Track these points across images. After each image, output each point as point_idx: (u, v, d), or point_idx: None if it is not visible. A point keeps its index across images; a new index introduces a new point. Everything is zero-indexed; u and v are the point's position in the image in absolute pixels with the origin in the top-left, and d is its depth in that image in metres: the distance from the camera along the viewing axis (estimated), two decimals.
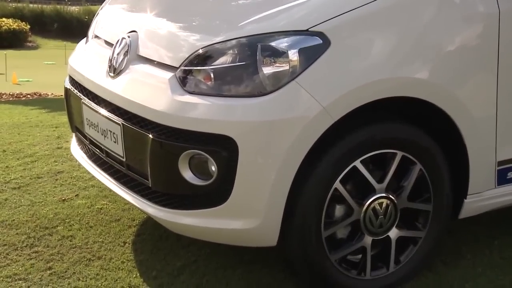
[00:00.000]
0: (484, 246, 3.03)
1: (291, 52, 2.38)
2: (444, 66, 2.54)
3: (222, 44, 2.47)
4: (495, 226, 3.17)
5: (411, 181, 2.62)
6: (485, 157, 2.69)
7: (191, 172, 2.46)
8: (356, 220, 2.58)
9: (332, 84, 2.40)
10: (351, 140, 2.49)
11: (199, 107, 2.41)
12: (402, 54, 2.50)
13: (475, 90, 2.61)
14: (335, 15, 2.42)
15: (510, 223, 3.19)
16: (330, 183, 2.48)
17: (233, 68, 2.43)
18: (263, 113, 2.37)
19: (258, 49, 2.40)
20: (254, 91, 2.39)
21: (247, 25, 2.51)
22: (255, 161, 2.38)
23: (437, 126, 2.63)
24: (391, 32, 2.50)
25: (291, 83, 2.37)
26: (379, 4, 2.48)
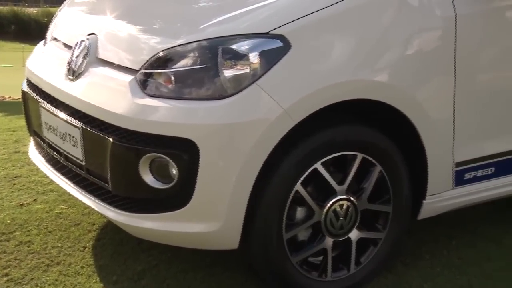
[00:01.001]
0: (442, 246, 3.08)
1: (252, 55, 2.39)
2: (403, 69, 2.57)
3: (183, 47, 2.46)
4: (453, 226, 3.22)
5: (371, 183, 2.65)
6: (443, 159, 2.73)
7: (152, 176, 2.45)
8: (317, 222, 2.59)
9: (292, 86, 2.41)
10: (312, 142, 2.51)
11: (159, 110, 2.40)
12: (362, 57, 2.52)
13: (433, 93, 2.65)
14: (295, 18, 2.44)
15: (468, 223, 3.25)
16: (291, 185, 2.49)
17: (194, 71, 2.43)
18: (224, 116, 2.37)
19: (219, 52, 2.40)
20: (215, 94, 2.39)
21: (208, 27, 2.51)
22: (216, 164, 2.38)
23: (397, 128, 2.66)
24: (351, 35, 2.53)
25: (252, 85, 2.37)
26: (339, 7, 2.50)
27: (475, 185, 2.86)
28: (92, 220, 3.33)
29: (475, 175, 2.84)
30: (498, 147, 2.85)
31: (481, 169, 2.84)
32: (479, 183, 2.86)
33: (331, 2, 2.49)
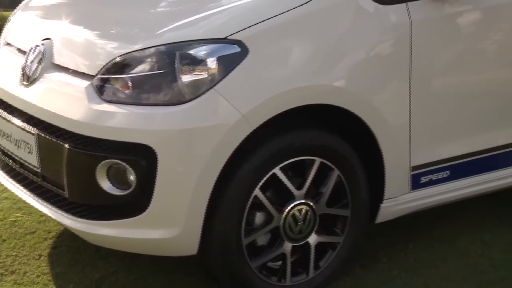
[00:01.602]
0: (399, 249, 3.12)
1: (210, 60, 2.39)
2: (360, 74, 2.60)
3: (140, 52, 2.45)
4: (410, 229, 3.26)
5: (329, 187, 2.67)
6: (400, 163, 2.77)
7: (109, 182, 2.42)
8: (276, 227, 2.60)
9: (251, 91, 2.42)
10: (270, 148, 2.51)
11: (116, 115, 2.38)
12: (319, 62, 2.54)
13: (389, 98, 2.68)
14: (253, 23, 2.44)
15: (424, 226, 3.30)
16: (250, 191, 2.50)
17: (151, 76, 2.42)
18: (182, 121, 2.36)
19: (176, 57, 2.39)
20: (173, 99, 2.38)
21: (166, 33, 2.50)
22: (175, 169, 2.37)
23: (354, 132, 2.69)
24: (309, 41, 2.55)
25: (210, 91, 2.37)
26: (297, 12, 2.51)
27: (431, 189, 2.90)
28: (48, 228, 3.28)
29: (431, 179, 2.89)
30: (452, 150, 2.90)
31: (436, 173, 2.89)
32: (435, 186, 2.91)
33: (288, 8, 2.51)
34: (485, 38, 2.90)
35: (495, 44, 2.93)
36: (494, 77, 2.97)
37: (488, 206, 3.47)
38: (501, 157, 3.05)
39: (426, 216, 3.21)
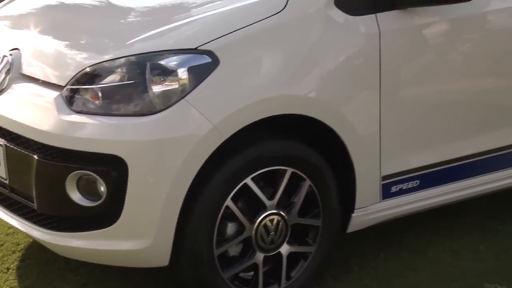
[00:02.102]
0: (370, 259, 3.13)
1: (181, 71, 2.38)
2: (331, 84, 2.62)
3: (111, 63, 2.44)
4: (381, 238, 3.28)
5: (301, 197, 2.67)
6: (370, 172, 2.79)
7: (79, 193, 2.40)
8: (247, 237, 2.59)
9: (222, 102, 2.42)
10: (241, 158, 2.51)
11: (87, 126, 2.36)
12: (290, 73, 2.55)
13: (359, 107, 2.70)
14: (224, 34, 2.45)
15: (395, 235, 3.31)
16: (221, 201, 2.49)
17: (122, 87, 2.41)
18: (153, 132, 2.35)
19: (147, 68, 2.39)
20: (144, 110, 2.37)
21: (136, 43, 2.50)
22: (146, 180, 2.35)
23: (325, 142, 2.70)
24: (279, 51, 2.56)
25: (181, 101, 2.37)
26: (267, 23, 2.52)
27: (402, 198, 2.93)
28: (17, 240, 3.23)
29: (401, 188, 2.91)
30: (422, 160, 2.93)
31: (406, 182, 2.91)
32: (405, 195, 2.93)
33: (258, 18, 2.52)
34: (452, 48, 2.94)
35: (462, 55, 2.97)
36: (462, 87, 3.01)
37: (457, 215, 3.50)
38: (470, 166, 3.08)
39: (397, 225, 3.23)
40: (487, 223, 3.44)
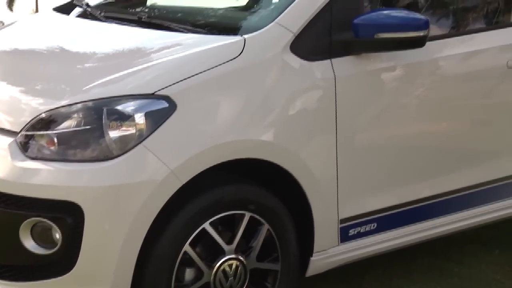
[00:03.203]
0: None
1: (138, 116, 2.38)
2: (288, 129, 2.64)
3: (67, 108, 2.43)
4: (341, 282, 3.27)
5: (259, 242, 2.66)
6: (328, 216, 2.79)
7: (33, 241, 2.36)
8: (206, 283, 2.57)
9: (179, 147, 2.42)
10: (200, 202, 2.50)
11: (41, 173, 2.34)
12: (247, 117, 2.57)
13: (316, 151, 2.72)
14: (181, 79, 2.46)
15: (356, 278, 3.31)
16: (179, 247, 2.47)
17: (78, 132, 2.39)
18: (109, 178, 2.33)
19: (104, 113, 2.38)
20: (100, 156, 2.36)
21: (93, 88, 2.49)
22: (102, 227, 2.33)
23: (283, 185, 2.71)
24: (237, 96, 2.58)
25: (138, 146, 2.36)
26: (224, 68, 2.55)
27: (360, 241, 2.93)
28: None
29: (359, 231, 2.92)
30: (379, 203, 2.95)
31: (364, 225, 2.93)
32: (363, 238, 2.94)
33: (216, 64, 2.54)
34: (407, 93, 2.99)
35: (416, 99, 3.03)
36: (417, 130, 3.06)
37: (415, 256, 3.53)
38: (427, 208, 3.12)
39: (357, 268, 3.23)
40: (444, 264, 3.47)
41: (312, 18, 2.71)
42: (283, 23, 2.68)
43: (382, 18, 2.77)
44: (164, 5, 3.63)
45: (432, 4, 3.34)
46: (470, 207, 3.23)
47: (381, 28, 2.72)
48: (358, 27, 2.71)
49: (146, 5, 3.51)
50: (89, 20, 3.21)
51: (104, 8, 3.32)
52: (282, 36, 2.67)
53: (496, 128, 3.24)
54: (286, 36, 2.67)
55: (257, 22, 2.80)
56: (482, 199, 3.26)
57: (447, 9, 3.36)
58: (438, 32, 3.13)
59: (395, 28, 2.74)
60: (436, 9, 3.35)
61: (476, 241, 3.71)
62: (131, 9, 3.45)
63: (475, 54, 3.15)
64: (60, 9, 3.50)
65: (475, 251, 3.61)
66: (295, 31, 2.68)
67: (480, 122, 3.22)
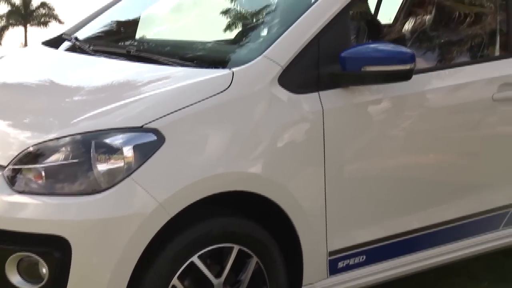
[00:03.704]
0: None
1: (126, 149, 2.38)
2: (276, 161, 2.64)
3: (55, 142, 2.43)
4: None
5: (248, 275, 2.65)
6: (317, 248, 2.79)
7: (19, 276, 2.34)
8: None
9: (167, 180, 2.42)
10: (188, 235, 2.49)
11: (28, 207, 2.33)
12: (236, 150, 2.58)
13: (305, 183, 2.73)
14: (169, 112, 2.47)
15: None
16: (168, 280, 2.45)
17: (66, 166, 2.39)
18: (97, 211, 2.32)
19: (92, 146, 2.38)
20: (88, 189, 2.35)
21: (82, 121, 2.50)
22: (90, 261, 2.31)
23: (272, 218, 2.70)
24: (225, 129, 2.59)
25: (127, 179, 2.36)
26: (213, 101, 2.56)
27: (349, 274, 2.92)
28: None
29: (348, 264, 2.91)
30: (368, 235, 2.95)
31: (353, 257, 2.92)
32: (352, 271, 2.93)
33: (204, 97, 2.55)
34: (394, 125, 3.02)
35: (404, 131, 3.05)
36: (405, 162, 3.07)
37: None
38: (416, 240, 3.12)
39: None
40: None
41: (299, 51, 2.73)
42: (271, 57, 2.71)
43: (369, 51, 2.80)
44: (152, 39, 3.66)
45: (418, 38, 3.40)
46: (458, 239, 3.24)
47: (368, 61, 2.75)
48: (346, 60, 2.74)
49: (135, 38, 3.54)
50: (78, 54, 3.23)
51: (93, 41, 3.34)
52: (270, 69, 2.69)
53: (482, 160, 3.27)
54: (274, 69, 2.69)
55: (245, 55, 2.83)
56: (470, 231, 3.27)
57: (433, 42, 3.41)
58: (425, 65, 3.17)
59: (382, 61, 2.77)
60: (423, 42, 3.40)
61: (465, 273, 3.70)
62: (120, 43, 3.48)
63: (461, 87, 3.18)
64: (49, 43, 3.52)
65: (464, 284, 3.61)
66: (283, 64, 2.70)
67: (467, 154, 3.24)
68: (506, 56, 3.32)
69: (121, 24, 3.68)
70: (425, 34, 3.41)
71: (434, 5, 3.43)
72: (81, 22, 3.64)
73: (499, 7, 3.37)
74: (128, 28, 3.65)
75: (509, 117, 3.26)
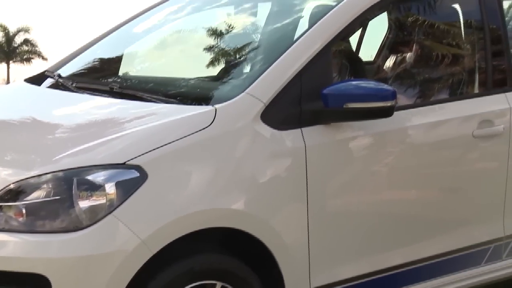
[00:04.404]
0: None
1: (108, 186, 2.38)
2: (259, 197, 2.65)
3: (36, 179, 2.41)
4: None
5: None
6: (300, 284, 2.77)
7: None
8: None
9: (150, 216, 2.41)
10: (170, 272, 2.48)
11: (8, 244, 2.31)
12: (218, 186, 2.58)
13: (288, 219, 2.72)
14: (152, 149, 2.47)
15: None
16: None
17: (47, 203, 2.38)
18: (79, 249, 2.31)
19: (74, 183, 2.38)
20: (70, 226, 2.34)
21: (64, 158, 2.49)
22: None
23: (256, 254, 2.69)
24: (208, 165, 2.59)
25: (108, 216, 2.35)
26: (196, 137, 2.57)
27: None
28: None
29: None
30: (351, 271, 2.94)
31: None
32: None
33: (187, 133, 2.56)
34: (377, 161, 3.03)
35: (386, 167, 3.07)
36: (387, 198, 3.08)
37: None
38: (399, 276, 3.11)
39: None
40: None
41: (282, 88, 2.76)
42: (254, 93, 2.73)
43: (351, 88, 2.83)
44: (136, 75, 3.67)
45: (399, 75, 3.44)
46: (441, 275, 3.24)
47: (350, 98, 2.77)
48: (328, 97, 2.77)
49: (118, 75, 3.55)
50: (61, 91, 3.24)
51: (76, 78, 3.35)
52: (252, 106, 2.71)
53: (464, 196, 3.29)
54: (257, 106, 2.71)
55: (228, 92, 2.85)
56: (453, 266, 3.27)
57: (414, 80, 3.45)
58: (406, 102, 3.21)
59: (364, 98, 2.79)
60: (403, 80, 3.44)
61: None
62: (103, 80, 3.49)
63: (442, 124, 3.21)
64: (31, 80, 3.52)
65: None
66: (265, 101, 2.72)
67: (449, 190, 3.26)
68: (484, 93, 3.37)
69: (105, 61, 3.71)
70: (406, 72, 3.46)
71: (415, 43, 3.48)
72: (64, 59, 3.66)
73: (478, 45, 3.43)
74: (112, 65, 3.67)
75: (489, 154, 3.30)
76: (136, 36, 3.84)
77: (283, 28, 3.35)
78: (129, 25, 3.81)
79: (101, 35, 3.80)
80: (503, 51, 3.40)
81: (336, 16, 2.97)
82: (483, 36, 3.38)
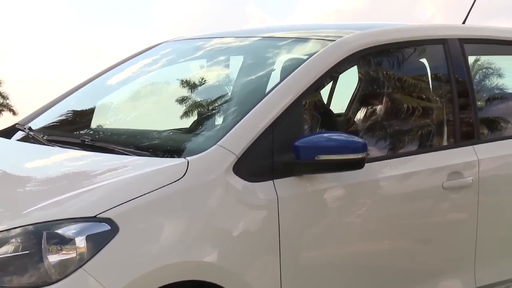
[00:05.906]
0: None
1: (79, 239, 2.35)
2: (231, 250, 2.63)
3: (5, 233, 2.38)
4: None
5: None
6: None
7: None
8: None
9: (121, 270, 2.38)
10: None
11: None
12: (190, 239, 2.56)
13: (260, 272, 2.71)
14: (123, 201, 2.46)
15: None
16: None
17: (15, 258, 2.34)
18: None
19: (43, 237, 2.35)
20: (39, 281, 2.30)
21: (33, 212, 2.46)
22: None
23: None
24: (179, 217, 2.58)
25: (79, 271, 2.32)
26: (168, 190, 2.56)
27: None
28: None
29: None
30: None
31: None
32: None
33: (159, 186, 2.55)
34: (349, 212, 3.03)
35: (359, 218, 3.07)
36: (360, 249, 3.08)
37: None
38: None
39: None
40: None
41: (254, 140, 2.77)
42: (226, 146, 2.73)
43: (322, 141, 2.85)
44: (108, 128, 3.67)
45: (370, 128, 3.48)
46: None
47: (321, 150, 2.79)
48: (299, 149, 2.78)
49: (90, 127, 3.54)
50: (31, 144, 3.21)
51: (46, 131, 3.33)
52: (225, 158, 2.71)
53: (435, 247, 3.30)
54: (229, 158, 2.71)
55: (200, 145, 2.86)
56: None
57: (385, 132, 3.50)
58: (377, 154, 3.24)
59: (335, 150, 2.81)
60: (374, 132, 3.48)
61: None
62: (75, 132, 3.48)
63: (412, 175, 3.24)
64: (1, 133, 3.50)
65: None
66: (237, 153, 2.73)
67: (421, 241, 3.27)
68: (453, 145, 3.42)
69: (77, 113, 3.70)
70: (377, 124, 3.50)
71: (384, 96, 3.54)
72: (36, 111, 3.64)
73: (446, 99, 3.50)
74: (84, 117, 3.66)
75: (459, 205, 3.33)
76: (109, 88, 3.85)
77: (255, 80, 3.39)
78: (103, 77, 3.82)
79: (74, 87, 3.80)
80: (469, 104, 3.47)
81: (307, 69, 3.02)
82: (450, 90, 3.45)
